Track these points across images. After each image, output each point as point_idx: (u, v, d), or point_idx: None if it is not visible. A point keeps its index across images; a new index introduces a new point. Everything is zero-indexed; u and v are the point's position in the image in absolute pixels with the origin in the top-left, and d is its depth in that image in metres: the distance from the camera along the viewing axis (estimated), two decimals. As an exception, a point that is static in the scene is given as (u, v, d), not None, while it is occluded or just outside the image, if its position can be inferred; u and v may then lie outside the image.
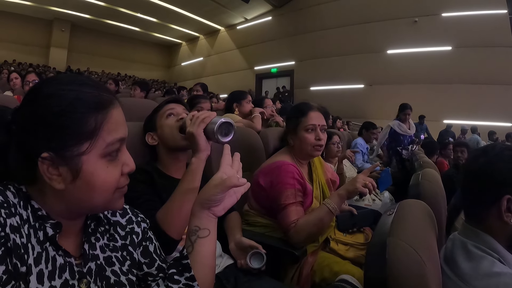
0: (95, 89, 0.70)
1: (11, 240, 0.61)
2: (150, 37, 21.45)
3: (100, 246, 0.81)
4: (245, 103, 3.35)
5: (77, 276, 0.72)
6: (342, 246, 1.85)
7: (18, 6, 16.15)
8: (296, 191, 1.70)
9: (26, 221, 0.67)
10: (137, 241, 0.89)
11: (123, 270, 0.82)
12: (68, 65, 17.92)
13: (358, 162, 4.68)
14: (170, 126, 1.46)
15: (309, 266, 1.67)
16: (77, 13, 17.61)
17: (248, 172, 2.16)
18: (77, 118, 0.66)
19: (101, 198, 0.70)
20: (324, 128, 1.83)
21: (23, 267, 0.62)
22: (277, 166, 1.78)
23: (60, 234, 0.71)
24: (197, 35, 21.28)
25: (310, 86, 15.52)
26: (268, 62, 17.13)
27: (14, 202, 0.67)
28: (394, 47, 13.29)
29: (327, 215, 1.62)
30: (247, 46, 18.35)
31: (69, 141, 0.65)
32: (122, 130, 0.72)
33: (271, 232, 1.78)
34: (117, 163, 0.72)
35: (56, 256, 0.70)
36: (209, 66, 20.77)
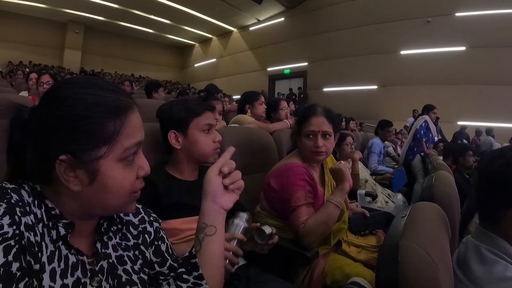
0: (113, 93, 0.71)
1: (26, 238, 0.63)
2: (163, 38, 21.57)
3: (113, 245, 0.82)
4: (258, 104, 3.34)
5: (89, 274, 0.73)
6: (354, 248, 1.85)
7: (32, 8, 16.40)
8: (306, 193, 1.70)
9: (40, 220, 0.69)
10: (149, 240, 0.90)
11: (135, 269, 0.84)
12: (82, 66, 18.10)
13: (372, 164, 4.65)
14: (207, 145, 1.49)
15: (320, 268, 1.66)
16: (90, 15, 17.81)
17: (260, 173, 2.16)
18: (95, 123, 0.67)
19: (115, 201, 0.71)
20: (326, 133, 1.79)
21: (36, 264, 0.64)
22: (287, 168, 1.78)
23: (73, 233, 0.72)
24: (210, 36, 21.33)
25: (323, 87, 15.44)
26: (281, 63, 17.09)
27: (29, 201, 0.68)
28: (407, 48, 13.15)
29: (333, 211, 1.63)
30: (260, 47, 18.32)
31: (87, 145, 0.66)
32: (139, 134, 0.74)
33: (282, 233, 1.76)
34: (133, 167, 0.73)
35: (68, 255, 0.71)
36: (222, 67, 20.80)
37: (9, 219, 0.61)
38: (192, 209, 0.86)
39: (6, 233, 0.59)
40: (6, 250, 0.58)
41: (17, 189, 0.68)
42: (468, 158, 4.13)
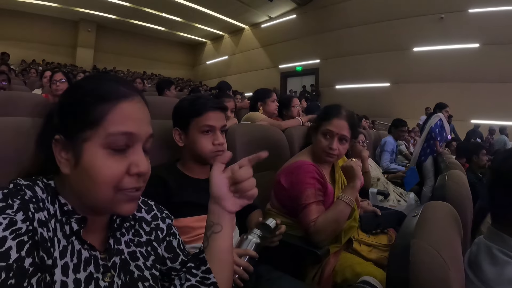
0: (115, 83, 0.74)
1: (39, 234, 0.64)
2: (175, 36, 21.64)
3: (125, 241, 0.83)
4: (270, 101, 3.33)
5: (101, 270, 0.74)
6: (365, 247, 1.85)
7: (45, 8, 16.62)
8: (316, 191, 1.70)
9: (53, 216, 0.70)
10: (161, 236, 0.91)
11: (147, 265, 0.84)
12: (94, 64, 18.24)
13: (384, 162, 4.61)
14: (204, 147, 1.46)
15: (331, 267, 1.67)
16: (102, 14, 17.97)
17: (272, 171, 2.16)
18: (84, 106, 0.70)
19: (100, 193, 0.69)
20: (344, 138, 1.78)
21: (49, 260, 0.65)
22: (297, 166, 1.78)
23: (86, 228, 0.74)
24: (222, 33, 21.34)
25: (336, 84, 15.34)
26: (293, 60, 17.02)
27: (42, 197, 0.70)
28: (420, 45, 12.99)
29: (344, 208, 1.63)
30: (272, 45, 18.26)
31: (76, 127, 0.70)
32: (132, 125, 0.71)
33: (293, 231, 1.77)
34: (121, 159, 0.70)
35: (81, 250, 0.72)
36: (234, 64, 20.81)
37: (22, 215, 0.63)
38: (203, 207, 0.85)
39: (19, 229, 0.61)
40: (19, 245, 0.60)
41: (31, 186, 0.70)
42: (482, 157, 4.07)
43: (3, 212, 0.62)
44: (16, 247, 0.59)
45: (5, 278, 0.56)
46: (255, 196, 0.87)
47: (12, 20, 16.52)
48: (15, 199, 0.65)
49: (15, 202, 0.64)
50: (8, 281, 0.56)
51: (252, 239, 1.30)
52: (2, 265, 0.57)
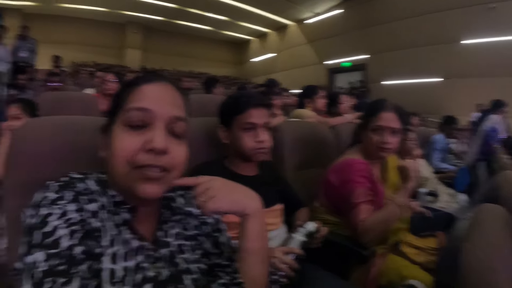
0: (145, 75, 0.83)
1: (89, 224, 0.69)
2: (220, 35, 21.73)
3: (173, 234, 0.86)
4: (317, 98, 3.32)
5: (149, 260, 0.77)
6: (412, 250, 1.80)
7: (93, 12, 17.28)
8: (366, 190, 1.67)
9: (104, 206, 0.75)
10: (208, 231, 0.93)
11: (193, 259, 0.87)
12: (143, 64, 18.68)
13: (434, 161, 4.46)
14: (245, 144, 1.46)
15: (376, 268, 1.64)
16: (148, 16, 18.44)
17: (319, 168, 2.15)
18: (117, 95, 0.79)
19: (118, 169, 0.73)
20: (395, 130, 1.74)
21: (98, 248, 0.69)
22: (347, 164, 1.77)
23: (136, 219, 0.78)
24: (267, 31, 21.21)
25: (383, 80, 14.73)
26: (340, 56, 16.57)
27: (95, 189, 0.76)
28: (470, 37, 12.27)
29: (394, 210, 1.60)
30: (318, 40, 17.90)
31: (112, 113, 0.78)
32: (147, 102, 0.75)
33: (339, 230, 1.76)
34: (138, 135, 0.73)
35: (131, 240, 0.76)
36: (280, 61, 20.57)
37: (74, 206, 0.69)
38: None
39: (71, 219, 0.66)
40: (71, 234, 0.65)
41: (84, 179, 0.77)
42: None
43: (56, 203, 0.67)
44: (67, 235, 0.64)
45: (56, 264, 0.60)
46: (207, 212, 0.79)
47: (63, 25, 17.33)
48: (68, 191, 0.70)
49: (68, 194, 0.70)
50: (59, 267, 0.60)
51: (298, 237, 1.32)
52: (54, 252, 0.61)
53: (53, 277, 0.59)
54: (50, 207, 0.67)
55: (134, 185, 0.72)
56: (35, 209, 0.68)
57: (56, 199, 0.69)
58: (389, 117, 1.75)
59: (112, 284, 0.69)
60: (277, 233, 1.55)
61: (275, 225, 1.57)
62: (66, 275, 0.60)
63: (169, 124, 0.75)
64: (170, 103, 0.78)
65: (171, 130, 0.76)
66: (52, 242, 0.63)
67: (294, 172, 2.13)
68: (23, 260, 0.62)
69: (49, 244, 0.62)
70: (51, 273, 0.59)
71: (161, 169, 0.73)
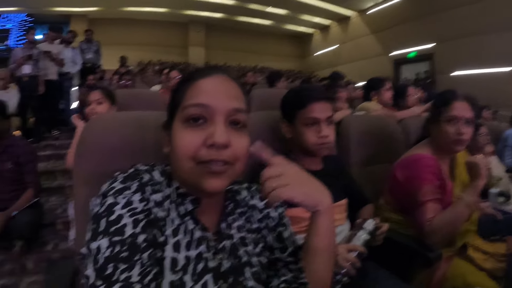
0: (201, 68, 0.83)
1: (153, 213, 0.72)
2: (282, 29, 21.73)
3: (236, 226, 0.87)
4: (384, 91, 3.23)
5: (211, 251, 0.79)
6: (480, 255, 1.68)
7: (156, 14, 18.18)
8: (435, 188, 1.60)
9: (169, 197, 0.77)
10: (272, 225, 0.93)
11: (255, 252, 0.87)
12: (206, 61, 19.17)
13: (508, 159, 4.17)
14: (308, 139, 1.44)
15: (441, 272, 1.57)
16: (209, 14, 18.91)
17: (386, 164, 2.08)
18: (175, 92, 0.81)
19: (183, 166, 0.74)
20: (469, 120, 1.64)
21: (161, 237, 0.72)
22: (415, 159, 1.69)
23: (200, 210, 0.79)
24: (328, 23, 20.94)
25: (452, 71, 13.81)
26: (405, 46, 15.81)
27: (160, 180, 0.79)
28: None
29: (463, 210, 1.51)
30: (382, 31, 17.24)
31: (172, 110, 0.79)
32: (204, 97, 0.75)
33: (404, 229, 1.70)
34: (198, 131, 0.73)
35: (194, 230, 0.78)
36: (344, 53, 20.08)
37: (139, 196, 0.71)
38: None
39: (136, 208, 0.69)
40: (134, 223, 0.67)
41: (150, 170, 0.79)
42: None
43: (122, 193, 0.70)
44: (131, 224, 0.66)
45: (118, 250, 0.62)
46: (276, 200, 0.72)
47: (129, 27, 18.26)
48: (133, 182, 0.73)
49: (133, 184, 0.72)
50: (121, 253, 0.62)
51: (361, 235, 1.30)
52: (117, 239, 0.64)
53: (115, 263, 0.62)
54: (116, 196, 0.70)
55: (199, 180, 0.73)
56: (101, 199, 0.71)
57: (121, 189, 0.71)
58: (463, 107, 1.65)
59: (173, 272, 0.72)
60: (341, 229, 1.53)
61: (340, 220, 1.55)
62: (128, 261, 0.62)
63: (228, 117, 0.76)
64: (227, 95, 0.77)
65: (231, 122, 0.76)
66: (116, 230, 0.65)
67: (360, 168, 2.09)
68: (89, 246, 0.66)
69: (113, 231, 0.65)
70: (113, 259, 0.62)
71: (224, 162, 0.73)
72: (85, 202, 0.96)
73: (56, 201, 4.34)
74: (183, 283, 0.72)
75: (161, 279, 0.70)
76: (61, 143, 6.19)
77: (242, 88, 0.83)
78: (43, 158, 5.46)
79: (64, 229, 3.52)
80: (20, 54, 5.84)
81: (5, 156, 3.16)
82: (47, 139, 6.45)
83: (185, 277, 0.73)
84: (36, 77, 5.92)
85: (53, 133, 6.75)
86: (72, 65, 7.04)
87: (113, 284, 0.59)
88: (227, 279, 0.78)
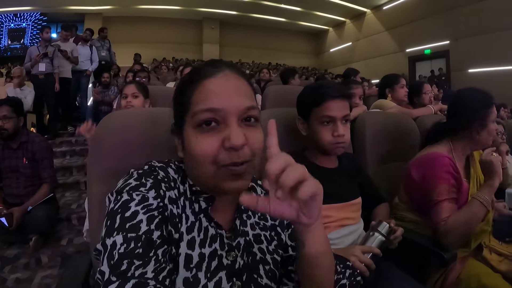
0: (204, 66, 0.80)
1: (168, 210, 0.72)
2: (296, 26, 21.70)
3: (251, 223, 0.87)
4: (399, 88, 3.18)
5: (226, 248, 0.78)
6: (495, 256, 1.66)
7: (171, 11, 18.39)
8: (450, 187, 1.57)
9: (183, 194, 0.78)
10: (286, 222, 0.93)
11: (269, 249, 0.87)
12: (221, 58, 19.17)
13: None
14: (323, 138, 1.42)
15: (456, 273, 1.55)
16: (223, 11, 19.04)
17: (401, 162, 2.06)
18: (180, 94, 0.79)
19: (202, 171, 0.72)
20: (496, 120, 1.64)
21: (176, 234, 0.72)
22: (430, 158, 1.66)
23: (214, 208, 0.79)
24: (343, 19, 20.83)
25: (468, 68, 13.59)
26: (421, 43, 15.65)
27: (175, 177, 0.79)
28: None
29: (478, 210, 1.48)
30: (396, 27, 17.11)
31: (179, 113, 0.78)
32: (214, 101, 0.72)
33: (419, 229, 1.68)
34: (214, 135, 0.71)
35: (208, 227, 0.78)
36: (358, 50, 20.01)
37: (154, 192, 0.70)
38: (328, 196, 0.78)
39: (151, 205, 0.68)
40: (149, 219, 0.66)
41: (165, 167, 0.79)
42: None
43: (137, 190, 0.70)
44: (146, 220, 0.66)
45: (133, 247, 0.62)
46: (308, 193, 0.57)
47: (143, 25, 18.53)
48: (148, 179, 0.73)
49: (148, 181, 0.72)
50: (136, 250, 0.62)
51: (377, 236, 1.30)
52: (132, 236, 0.63)
53: (130, 259, 0.61)
54: (131, 193, 0.70)
55: (222, 183, 0.72)
56: (117, 195, 0.71)
57: (137, 186, 0.71)
58: (494, 110, 1.66)
59: (188, 269, 0.72)
60: (356, 227, 1.51)
61: (355, 219, 1.52)
62: (142, 258, 0.62)
63: (241, 116, 0.74)
64: (237, 94, 0.75)
65: (244, 120, 0.74)
66: (131, 226, 0.65)
67: (375, 166, 2.08)
68: (104, 242, 0.65)
69: (128, 228, 0.65)
70: (128, 256, 0.61)
71: (244, 161, 0.71)
72: (99, 198, 0.96)
73: (71, 196, 4.39)
74: (197, 280, 0.72)
75: (176, 276, 0.70)
76: (76, 139, 6.31)
77: (250, 82, 0.82)
78: (58, 154, 5.58)
79: (79, 224, 3.58)
80: (35, 53, 5.93)
81: (21, 152, 3.24)
82: (62, 136, 6.57)
83: (199, 274, 0.72)
84: (51, 74, 6.01)
85: (68, 130, 6.86)
86: (89, 63, 7.13)
87: (128, 280, 0.58)
88: (241, 277, 0.78)
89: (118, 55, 8.94)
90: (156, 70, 11.17)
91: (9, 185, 3.25)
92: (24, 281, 2.61)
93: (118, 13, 17.33)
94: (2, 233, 3.02)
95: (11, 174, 3.24)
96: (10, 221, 2.94)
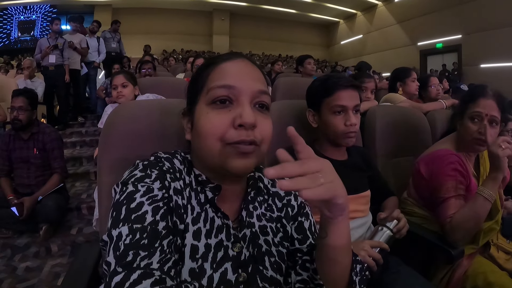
0: (225, 54, 0.82)
1: (174, 201, 0.72)
2: (306, 17, 21.59)
3: (257, 215, 0.87)
4: (410, 81, 3.14)
5: (232, 239, 0.78)
6: (502, 254, 1.64)
7: (181, 2, 18.45)
8: (458, 184, 1.55)
9: (189, 185, 0.78)
10: (291, 214, 0.92)
11: (275, 241, 0.86)
12: (231, 49, 19.18)
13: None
14: (335, 127, 1.42)
15: (462, 270, 1.53)
16: (233, 2, 19.07)
17: (411, 157, 2.06)
18: (196, 78, 0.80)
19: (208, 147, 0.73)
20: (494, 120, 1.57)
21: (181, 225, 0.73)
22: (438, 155, 1.65)
23: (220, 198, 0.78)
24: (354, 12, 20.66)
25: (480, 63, 13.32)
26: (433, 36, 15.45)
27: (180, 168, 0.79)
28: None
29: (483, 204, 1.45)
30: (408, 20, 16.91)
31: (192, 95, 0.79)
32: (229, 79, 0.74)
33: (428, 224, 1.67)
34: (225, 113, 0.73)
35: (215, 217, 0.78)
36: (369, 43, 19.86)
37: (159, 183, 0.71)
38: None
39: (156, 196, 0.69)
40: (154, 210, 0.67)
41: (170, 158, 0.79)
42: None
43: (142, 181, 0.70)
44: (151, 211, 0.66)
45: (139, 238, 0.62)
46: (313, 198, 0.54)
47: (153, 16, 18.63)
48: (153, 170, 0.73)
49: (153, 172, 0.73)
50: (142, 241, 0.62)
51: (386, 231, 1.30)
52: (138, 227, 0.64)
53: (136, 250, 0.61)
54: (136, 184, 0.70)
55: (227, 161, 0.72)
56: (122, 186, 0.71)
57: (142, 177, 0.72)
58: (488, 104, 1.58)
59: (193, 260, 0.72)
60: (365, 220, 1.51)
61: (363, 212, 1.52)
62: (148, 248, 0.62)
63: (253, 99, 0.75)
64: (251, 77, 0.77)
65: (256, 104, 0.76)
66: (136, 217, 0.65)
67: (385, 159, 2.07)
68: (110, 233, 0.65)
69: (134, 219, 0.65)
70: (133, 247, 0.62)
71: (251, 142, 0.72)
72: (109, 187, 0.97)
73: (81, 186, 4.44)
74: (203, 270, 0.72)
75: (181, 266, 0.71)
76: (86, 130, 6.38)
77: (264, 73, 0.83)
78: (69, 145, 5.63)
79: (89, 213, 3.62)
80: (45, 44, 5.98)
81: (32, 143, 3.28)
82: (72, 126, 6.64)
83: (205, 264, 0.73)
84: (61, 66, 6.04)
85: (79, 120, 6.92)
86: (97, 54, 7.17)
87: (133, 270, 0.58)
88: (246, 268, 0.78)
89: (128, 47, 8.95)
90: (165, 61, 11.19)
91: (20, 175, 3.29)
92: (34, 269, 2.64)
93: (128, 4, 17.37)
94: (13, 223, 3.07)
95: (22, 164, 3.27)
96: (21, 210, 2.99)
